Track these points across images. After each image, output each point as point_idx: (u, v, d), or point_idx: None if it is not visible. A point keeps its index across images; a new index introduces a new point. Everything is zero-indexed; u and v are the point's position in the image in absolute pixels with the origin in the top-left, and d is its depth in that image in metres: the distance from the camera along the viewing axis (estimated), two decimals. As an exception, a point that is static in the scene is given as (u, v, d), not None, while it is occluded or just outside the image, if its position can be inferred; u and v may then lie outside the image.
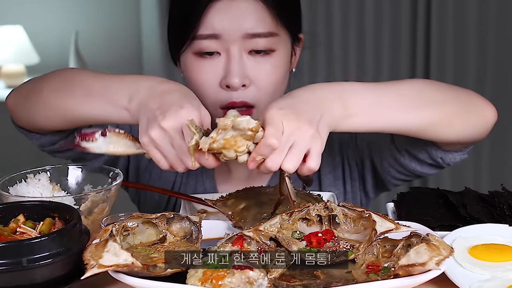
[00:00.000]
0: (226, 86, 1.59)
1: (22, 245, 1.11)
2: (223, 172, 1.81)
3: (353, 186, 1.79)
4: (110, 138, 1.33)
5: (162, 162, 1.32)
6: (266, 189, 1.49)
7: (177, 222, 1.28)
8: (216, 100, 1.61)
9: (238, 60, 1.59)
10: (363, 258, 1.21)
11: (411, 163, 1.63)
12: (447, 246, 1.15)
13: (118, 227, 1.20)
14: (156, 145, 1.30)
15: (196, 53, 1.61)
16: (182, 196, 1.55)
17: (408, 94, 1.41)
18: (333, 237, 1.25)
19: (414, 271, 1.08)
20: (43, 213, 1.25)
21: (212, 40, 1.59)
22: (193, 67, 1.62)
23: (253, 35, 1.59)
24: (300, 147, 1.23)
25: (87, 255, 1.11)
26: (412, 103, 1.40)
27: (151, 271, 1.11)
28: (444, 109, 1.43)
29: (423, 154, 1.59)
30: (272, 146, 1.20)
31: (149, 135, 1.29)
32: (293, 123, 1.23)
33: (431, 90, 1.45)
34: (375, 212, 1.25)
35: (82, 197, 1.36)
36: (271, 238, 1.22)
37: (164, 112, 1.29)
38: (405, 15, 4.29)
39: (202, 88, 1.61)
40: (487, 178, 4.29)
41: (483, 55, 4.20)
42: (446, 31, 4.20)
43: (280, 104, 1.26)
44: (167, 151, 1.30)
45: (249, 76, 1.60)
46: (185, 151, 1.28)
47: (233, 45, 1.58)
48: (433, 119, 1.42)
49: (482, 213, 1.42)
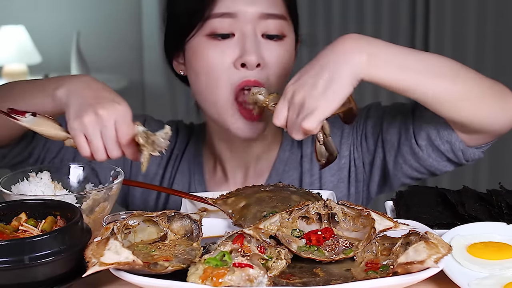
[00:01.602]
0: (241, 66, 1.59)
1: (24, 243, 1.12)
2: (218, 179, 1.82)
3: (357, 188, 1.78)
4: (39, 119, 1.40)
5: (85, 149, 1.38)
6: (266, 188, 1.49)
7: (178, 220, 1.28)
8: (229, 81, 1.61)
9: (254, 39, 1.60)
10: (362, 256, 1.21)
11: (429, 158, 1.61)
12: (445, 244, 1.15)
13: (119, 225, 1.21)
14: (86, 131, 1.36)
15: (209, 35, 1.61)
16: (183, 195, 1.55)
17: (441, 62, 1.44)
18: (332, 235, 1.25)
19: (412, 269, 1.09)
20: (45, 212, 1.25)
21: (226, 19, 1.60)
22: (207, 49, 1.62)
23: (268, 15, 1.60)
24: (306, 109, 1.35)
25: (89, 253, 1.11)
26: (440, 70, 1.42)
27: (152, 269, 1.12)
28: (472, 85, 1.44)
29: (445, 145, 1.57)
30: (276, 122, 1.40)
31: (82, 119, 1.35)
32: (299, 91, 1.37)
33: (461, 67, 1.46)
34: (374, 210, 1.26)
35: (83, 195, 1.36)
36: (271, 236, 1.23)
37: (102, 102, 1.37)
38: (404, 16, 4.30)
39: (216, 69, 1.61)
40: (485, 177, 4.29)
41: (481, 54, 4.20)
42: (445, 32, 4.21)
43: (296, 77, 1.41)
44: (94, 138, 1.36)
45: (264, 57, 1.61)
46: (113, 142, 1.36)
47: (249, 24, 1.60)
48: (459, 91, 1.42)
49: (480, 211, 1.42)
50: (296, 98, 1.38)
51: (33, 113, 1.39)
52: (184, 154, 1.87)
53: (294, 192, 1.46)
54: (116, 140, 1.37)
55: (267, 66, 1.61)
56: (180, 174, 1.84)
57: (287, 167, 1.79)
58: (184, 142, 1.89)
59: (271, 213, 1.33)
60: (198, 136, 1.89)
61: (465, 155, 1.58)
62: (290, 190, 1.47)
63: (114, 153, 1.38)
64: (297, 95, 1.37)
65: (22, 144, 1.69)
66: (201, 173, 1.83)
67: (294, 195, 1.44)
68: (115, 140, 1.37)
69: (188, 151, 1.86)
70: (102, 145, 1.37)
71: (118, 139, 1.38)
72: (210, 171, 1.84)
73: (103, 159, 1.39)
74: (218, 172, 1.83)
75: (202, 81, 1.65)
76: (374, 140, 1.72)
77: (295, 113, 1.38)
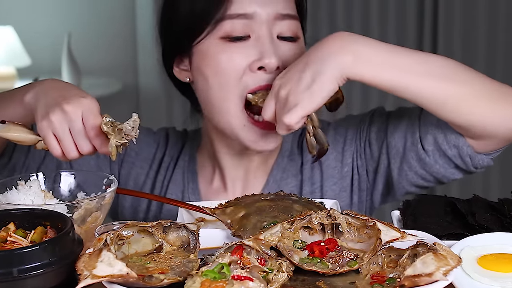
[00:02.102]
0: (259, 69, 1.56)
1: (12, 254, 1.10)
2: (216, 188, 1.79)
3: (360, 197, 1.76)
4: (8, 126, 1.44)
5: (56, 148, 1.41)
6: (267, 197, 1.47)
7: (174, 230, 1.26)
8: (242, 86, 1.58)
9: (271, 41, 1.58)
10: (368, 268, 1.19)
11: (436, 164, 1.59)
12: (454, 255, 1.13)
13: (113, 236, 1.19)
14: (54, 129, 1.39)
15: (223, 38, 1.58)
16: (179, 204, 1.52)
17: (432, 61, 1.46)
18: (336, 247, 1.23)
19: (420, 282, 1.08)
20: (35, 222, 1.23)
21: (242, 21, 1.57)
22: (221, 52, 1.58)
23: (283, 16, 1.59)
24: (289, 104, 1.42)
25: (80, 265, 1.09)
26: (436, 69, 1.44)
27: (147, 282, 1.10)
28: (474, 87, 1.45)
29: (452, 150, 1.55)
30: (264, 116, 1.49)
31: (49, 118, 1.39)
32: (285, 85, 1.44)
33: (463, 68, 1.47)
34: (380, 221, 1.24)
35: (75, 204, 1.35)
36: (272, 247, 1.21)
37: (67, 98, 1.40)
38: (411, 17, 4.28)
39: (230, 73, 1.57)
40: (496, 185, 4.29)
41: (492, 56, 4.20)
42: (453, 34, 4.20)
43: (284, 71, 1.48)
44: (63, 135, 1.39)
45: (282, 59, 1.58)
46: (82, 136, 1.39)
47: (264, 26, 1.57)
48: (457, 92, 1.43)
49: (491, 221, 1.41)
50: (281, 92, 1.44)
51: (1, 121, 1.44)
52: (177, 162, 1.83)
53: (296, 201, 1.44)
54: (85, 133, 1.40)
55: (285, 66, 1.57)
56: (173, 183, 1.81)
57: (285, 174, 1.77)
58: (177, 149, 1.86)
59: (272, 223, 1.32)
60: (192, 143, 1.86)
61: (473, 161, 1.56)
62: (292, 199, 1.45)
63: (85, 148, 1.41)
64: (282, 90, 1.45)
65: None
66: (196, 182, 1.80)
67: (296, 204, 1.42)
68: (83, 133, 1.39)
69: (182, 159, 1.83)
70: (72, 141, 1.40)
71: (87, 132, 1.39)
72: (206, 179, 1.81)
73: (74, 157, 1.42)
74: (215, 181, 1.80)
75: (213, 87, 1.60)
76: (379, 146, 1.69)
77: (280, 107, 1.45)
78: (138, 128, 1.39)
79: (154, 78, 4.62)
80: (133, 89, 4.93)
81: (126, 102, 4.70)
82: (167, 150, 1.85)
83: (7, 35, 4.56)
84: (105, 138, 1.39)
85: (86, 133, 1.39)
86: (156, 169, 1.83)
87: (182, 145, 1.86)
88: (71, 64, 4.44)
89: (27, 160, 1.72)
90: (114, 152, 1.38)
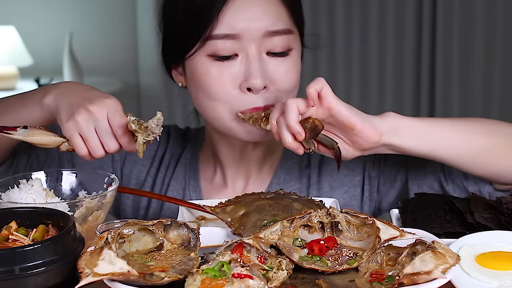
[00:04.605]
0: (247, 89, 1.55)
1: (14, 253, 1.10)
2: (217, 186, 1.79)
3: (370, 206, 1.75)
4: (31, 130, 1.46)
5: (82, 148, 1.43)
6: (267, 195, 1.47)
7: (175, 229, 1.27)
8: (235, 106, 1.56)
9: (259, 60, 1.54)
10: (367, 266, 1.20)
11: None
12: (453, 254, 1.14)
13: (114, 234, 1.19)
14: (80, 129, 1.41)
15: (211, 55, 1.56)
16: (180, 203, 1.52)
17: (461, 123, 1.52)
18: (335, 245, 1.23)
19: (419, 280, 1.08)
20: (36, 220, 1.23)
21: (229, 40, 1.54)
22: (209, 71, 1.56)
23: (273, 33, 1.55)
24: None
25: (82, 263, 1.09)
26: (465, 128, 1.50)
27: (148, 280, 1.10)
28: (498, 138, 1.50)
29: (473, 186, 1.59)
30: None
31: (75, 118, 1.41)
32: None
33: (487, 123, 1.54)
34: (379, 219, 1.24)
35: (76, 203, 1.35)
36: (272, 245, 1.21)
37: (90, 99, 1.43)
38: (410, 15, 4.28)
39: (220, 93, 1.56)
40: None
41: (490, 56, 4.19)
42: (452, 32, 4.20)
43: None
44: (89, 134, 1.41)
45: (270, 77, 1.55)
46: (109, 134, 1.42)
47: (252, 44, 1.54)
48: (484, 145, 1.49)
49: (489, 220, 1.41)
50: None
51: (24, 126, 1.46)
52: (180, 159, 1.82)
53: (296, 199, 1.44)
54: (111, 132, 1.42)
55: (274, 84, 1.56)
56: (174, 181, 1.81)
57: (289, 176, 1.76)
58: (179, 147, 1.86)
59: (271, 221, 1.32)
60: (195, 141, 1.85)
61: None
62: (291, 198, 1.45)
63: (111, 146, 1.43)
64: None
65: (2, 168, 1.72)
66: (197, 179, 1.80)
67: (296, 202, 1.42)
68: (110, 132, 1.42)
69: (184, 157, 1.83)
70: (98, 140, 1.42)
71: (113, 131, 1.42)
72: (207, 177, 1.81)
73: (101, 155, 1.44)
74: (216, 179, 1.79)
75: (203, 99, 1.60)
76: (397, 162, 1.71)
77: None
78: (162, 125, 1.42)
79: (155, 78, 4.62)
80: (134, 88, 4.92)
81: (127, 101, 4.66)
82: (168, 147, 1.85)
83: (9, 34, 4.55)
84: (130, 135, 1.42)
85: (113, 131, 1.42)
86: (157, 167, 1.83)
87: (184, 143, 1.86)
88: (72, 64, 4.44)
89: (30, 159, 1.72)
90: (141, 150, 1.41)
